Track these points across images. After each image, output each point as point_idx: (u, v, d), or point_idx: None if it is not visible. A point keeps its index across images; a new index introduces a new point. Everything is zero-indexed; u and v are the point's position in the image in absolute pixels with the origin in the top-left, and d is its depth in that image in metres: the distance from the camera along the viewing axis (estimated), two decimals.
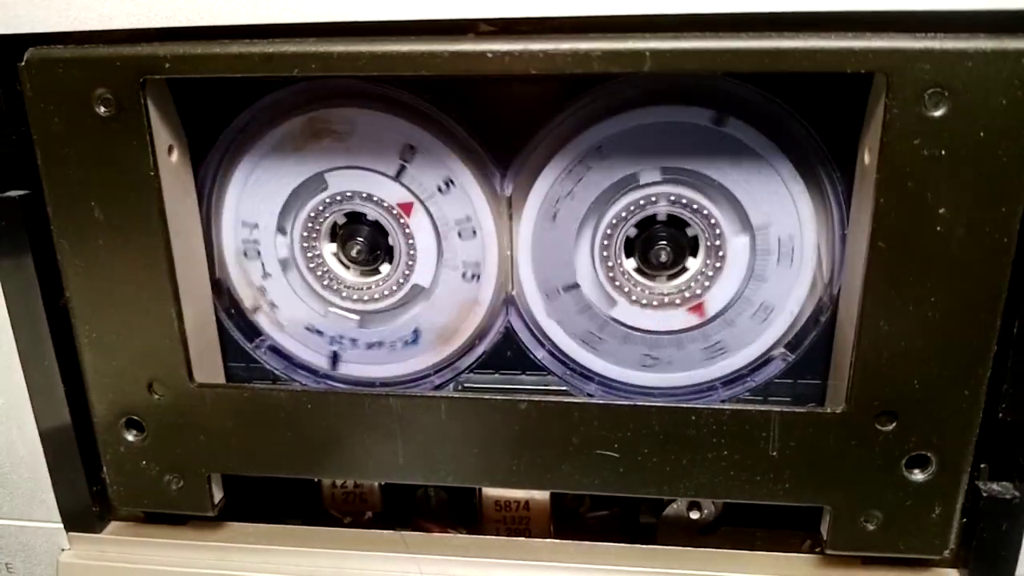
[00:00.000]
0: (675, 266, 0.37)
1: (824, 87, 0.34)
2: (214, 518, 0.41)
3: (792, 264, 0.36)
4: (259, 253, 0.39)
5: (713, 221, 0.36)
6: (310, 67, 0.32)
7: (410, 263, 0.39)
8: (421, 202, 0.38)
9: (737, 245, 0.36)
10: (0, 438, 0.40)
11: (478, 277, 0.39)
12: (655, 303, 0.38)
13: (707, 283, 0.37)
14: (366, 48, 0.32)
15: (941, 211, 0.31)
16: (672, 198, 0.36)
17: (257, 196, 0.38)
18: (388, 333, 0.40)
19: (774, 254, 0.36)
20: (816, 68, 0.30)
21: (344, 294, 0.40)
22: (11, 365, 0.39)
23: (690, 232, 0.37)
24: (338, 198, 0.38)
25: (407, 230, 0.38)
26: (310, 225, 0.38)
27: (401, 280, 0.39)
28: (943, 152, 0.30)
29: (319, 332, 0.41)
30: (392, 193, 0.38)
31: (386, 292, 0.39)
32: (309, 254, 0.39)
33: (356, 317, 0.40)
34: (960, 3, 0.29)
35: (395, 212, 0.38)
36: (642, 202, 0.36)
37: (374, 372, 0.41)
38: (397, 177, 0.37)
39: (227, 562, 0.41)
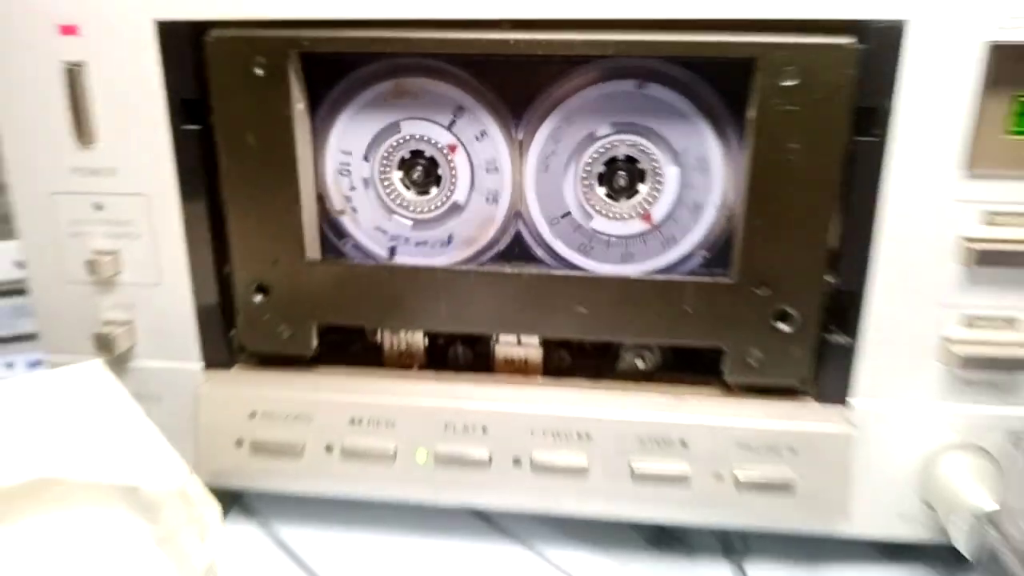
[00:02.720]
0: (631, 190, 0.53)
1: (731, 67, 0.48)
2: (310, 360, 0.55)
3: (706, 187, 0.52)
4: (349, 173, 0.53)
5: (654, 158, 0.52)
6: (394, 47, 0.48)
7: (451, 187, 0.53)
8: (463, 145, 0.52)
9: (670, 173, 0.52)
10: (167, 301, 0.53)
11: (496, 200, 0.54)
12: (619, 216, 0.53)
13: (651, 200, 0.53)
14: (430, 35, 0.47)
15: (793, 145, 0.46)
16: (624, 142, 0.51)
17: (352, 134, 0.52)
18: (431, 236, 0.54)
19: (696, 184, 0.52)
20: (716, 54, 0.45)
21: (405, 206, 0.55)
22: (180, 248, 0.52)
23: (640, 166, 0.52)
24: (407, 138, 0.52)
25: (452, 165, 0.52)
26: (386, 156, 0.54)
27: (444, 199, 0.54)
28: (794, 108, 0.46)
29: (384, 231, 0.54)
30: (444, 138, 0.51)
31: (434, 207, 0.54)
32: (383, 176, 0.54)
33: (410, 223, 0.54)
34: (804, 13, 0.43)
35: (444, 151, 0.52)
36: (605, 147, 0.51)
37: (420, 263, 0.53)
38: (449, 127, 0.51)
39: (318, 393, 0.53)
